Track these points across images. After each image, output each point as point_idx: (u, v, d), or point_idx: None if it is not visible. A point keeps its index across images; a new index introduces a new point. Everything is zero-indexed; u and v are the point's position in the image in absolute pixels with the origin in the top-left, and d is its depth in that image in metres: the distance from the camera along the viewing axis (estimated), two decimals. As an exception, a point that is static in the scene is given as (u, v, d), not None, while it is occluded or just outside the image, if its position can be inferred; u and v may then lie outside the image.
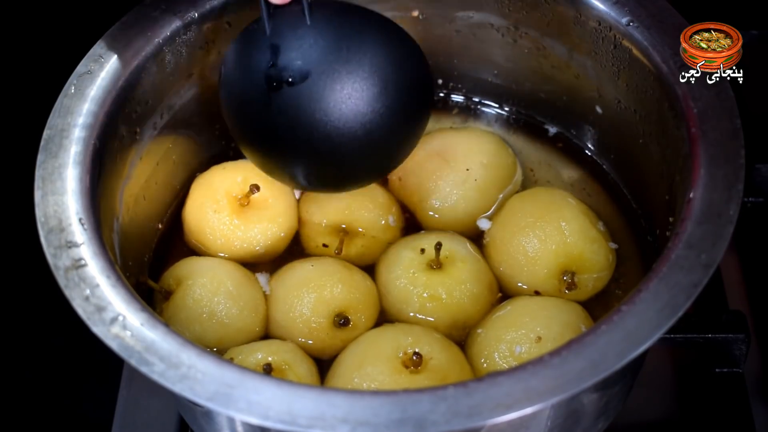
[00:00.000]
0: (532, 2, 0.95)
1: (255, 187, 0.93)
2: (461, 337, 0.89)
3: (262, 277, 0.93)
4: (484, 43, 1.01)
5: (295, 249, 0.96)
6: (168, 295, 0.89)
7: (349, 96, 0.83)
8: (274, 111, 0.84)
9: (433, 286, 0.89)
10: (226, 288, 0.89)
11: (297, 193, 0.97)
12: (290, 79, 0.83)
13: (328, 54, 0.83)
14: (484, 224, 0.95)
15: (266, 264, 0.95)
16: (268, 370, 0.83)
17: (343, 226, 0.94)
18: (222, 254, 0.94)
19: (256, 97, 0.85)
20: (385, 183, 0.99)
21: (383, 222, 0.95)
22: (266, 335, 0.90)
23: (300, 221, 0.96)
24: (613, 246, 0.93)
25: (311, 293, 0.89)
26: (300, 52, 0.83)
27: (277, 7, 0.84)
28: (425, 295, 0.89)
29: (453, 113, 1.05)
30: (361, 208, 0.95)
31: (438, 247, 0.89)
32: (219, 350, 0.87)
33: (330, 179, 0.90)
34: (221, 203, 0.94)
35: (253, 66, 0.85)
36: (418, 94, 0.88)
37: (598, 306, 0.90)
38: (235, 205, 0.94)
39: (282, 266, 0.93)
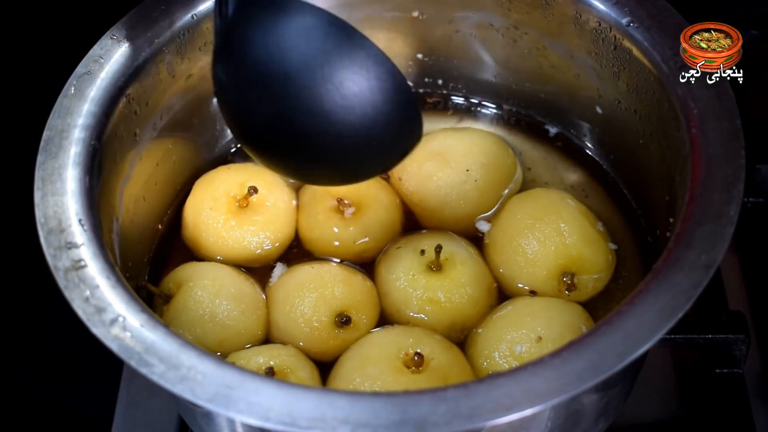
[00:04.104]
0: (532, 2, 0.95)
1: (253, 189, 0.93)
2: (459, 338, 0.89)
3: (278, 269, 0.94)
4: (484, 43, 1.01)
5: (294, 255, 0.96)
6: (168, 299, 0.89)
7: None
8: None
9: (432, 289, 0.89)
10: (228, 290, 0.89)
11: (295, 201, 0.97)
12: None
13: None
14: (483, 226, 0.95)
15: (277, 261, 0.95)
16: (270, 374, 0.83)
17: (346, 201, 0.94)
18: (214, 254, 0.94)
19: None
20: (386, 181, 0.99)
21: (382, 221, 0.95)
22: (267, 339, 0.90)
23: (299, 206, 0.97)
24: (613, 246, 0.93)
25: (312, 293, 0.89)
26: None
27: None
28: (424, 297, 0.89)
29: (453, 113, 1.05)
30: (360, 206, 0.95)
31: (438, 249, 0.89)
32: (220, 353, 0.87)
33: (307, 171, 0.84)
34: (219, 201, 0.94)
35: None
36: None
37: (599, 306, 0.90)
38: (233, 205, 0.94)
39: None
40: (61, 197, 0.80)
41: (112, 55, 0.88)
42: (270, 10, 0.76)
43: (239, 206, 0.94)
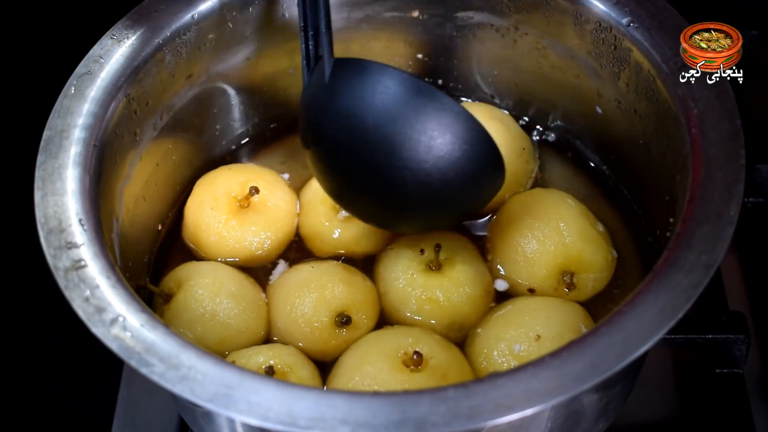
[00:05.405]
0: (532, 2, 0.95)
1: (254, 189, 0.93)
2: (458, 338, 0.89)
3: (280, 266, 0.94)
4: (484, 44, 1.01)
5: (294, 254, 0.96)
6: (168, 298, 0.89)
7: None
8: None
9: (431, 288, 0.89)
10: (228, 289, 0.89)
11: (297, 205, 0.97)
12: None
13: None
14: (483, 226, 0.95)
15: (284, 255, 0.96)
16: (270, 374, 0.83)
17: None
18: (215, 254, 0.94)
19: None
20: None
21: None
22: (268, 339, 0.90)
23: (301, 205, 0.97)
24: (613, 247, 0.92)
25: (312, 293, 0.89)
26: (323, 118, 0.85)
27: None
28: (423, 297, 0.89)
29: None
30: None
31: (437, 248, 0.89)
32: (221, 352, 0.87)
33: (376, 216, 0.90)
34: (220, 201, 0.94)
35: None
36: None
37: (599, 307, 0.90)
38: (234, 205, 0.94)
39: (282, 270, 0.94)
40: (61, 197, 0.80)
41: (112, 55, 0.88)
42: (361, 72, 0.83)
43: (240, 206, 0.94)
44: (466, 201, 0.86)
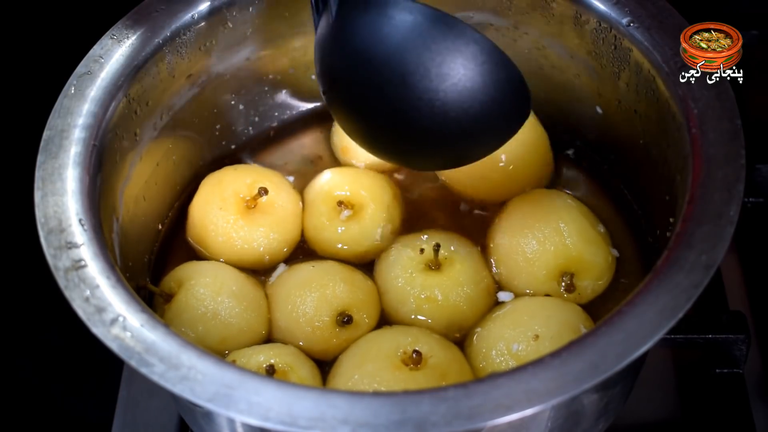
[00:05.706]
0: (532, 2, 0.95)
1: (263, 190, 0.93)
2: (458, 338, 0.89)
3: (279, 268, 0.94)
4: (484, 43, 1.00)
5: (296, 254, 0.96)
6: (169, 298, 0.89)
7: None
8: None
9: (430, 287, 0.89)
10: (229, 288, 0.89)
11: (300, 204, 0.97)
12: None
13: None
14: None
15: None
16: (270, 373, 0.83)
17: (345, 203, 0.95)
18: (221, 254, 0.94)
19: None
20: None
21: (384, 222, 0.95)
22: (269, 338, 0.90)
23: (303, 206, 0.97)
24: (613, 248, 0.92)
25: (313, 292, 0.89)
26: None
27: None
28: (422, 296, 0.89)
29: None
30: (363, 207, 0.95)
31: (436, 247, 0.89)
32: (222, 351, 0.87)
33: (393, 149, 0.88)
34: (228, 202, 0.94)
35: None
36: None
37: (599, 307, 0.90)
38: (242, 206, 0.94)
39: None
40: (61, 197, 0.80)
41: (112, 55, 0.88)
42: (365, 8, 0.80)
43: (247, 207, 0.94)
44: (491, 131, 0.83)
